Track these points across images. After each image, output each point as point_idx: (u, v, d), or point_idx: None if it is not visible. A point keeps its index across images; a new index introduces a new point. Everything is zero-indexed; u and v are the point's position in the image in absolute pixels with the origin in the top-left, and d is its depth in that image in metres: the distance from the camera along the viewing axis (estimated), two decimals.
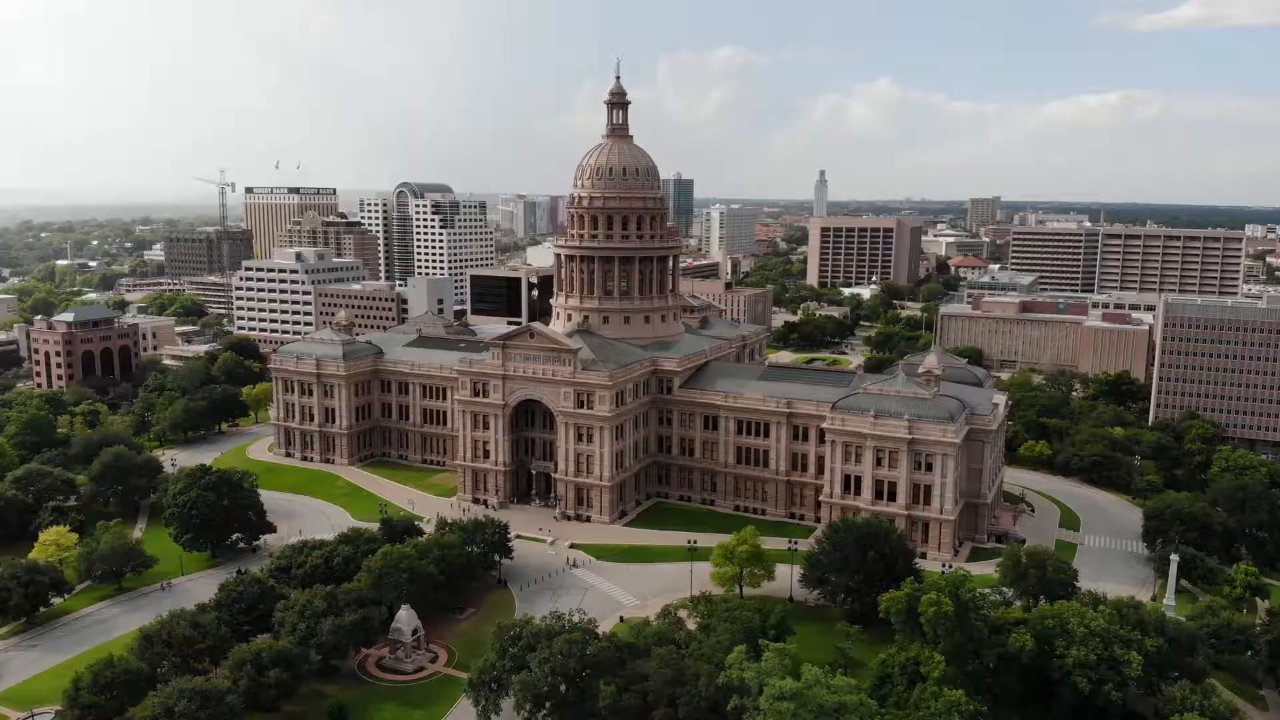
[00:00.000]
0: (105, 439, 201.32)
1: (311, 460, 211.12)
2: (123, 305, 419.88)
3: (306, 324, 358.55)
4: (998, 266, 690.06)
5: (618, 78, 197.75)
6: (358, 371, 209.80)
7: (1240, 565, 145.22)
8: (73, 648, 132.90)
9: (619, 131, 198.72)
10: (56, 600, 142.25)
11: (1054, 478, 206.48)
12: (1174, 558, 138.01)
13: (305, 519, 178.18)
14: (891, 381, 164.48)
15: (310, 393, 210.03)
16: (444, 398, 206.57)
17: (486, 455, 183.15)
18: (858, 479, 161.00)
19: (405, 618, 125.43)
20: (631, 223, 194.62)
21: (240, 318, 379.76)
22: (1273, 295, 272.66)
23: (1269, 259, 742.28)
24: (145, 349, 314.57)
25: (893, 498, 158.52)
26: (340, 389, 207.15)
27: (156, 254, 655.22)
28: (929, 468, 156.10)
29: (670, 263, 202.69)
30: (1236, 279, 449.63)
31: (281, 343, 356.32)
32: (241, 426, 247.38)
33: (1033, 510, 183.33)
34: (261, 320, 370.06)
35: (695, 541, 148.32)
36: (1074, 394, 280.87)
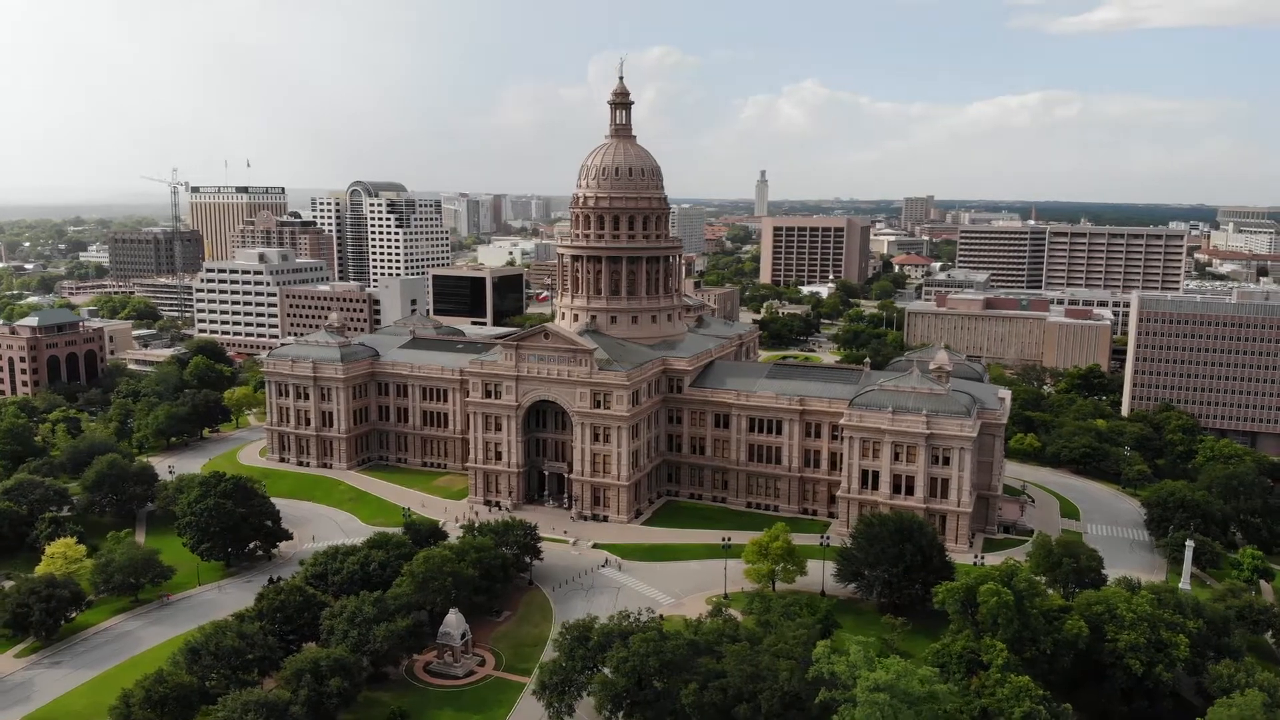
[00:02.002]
0: (92, 447, 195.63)
1: (308, 465, 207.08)
2: (69, 309, 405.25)
3: (272, 326, 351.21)
4: (938, 265, 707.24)
5: (621, 78, 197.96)
6: (355, 374, 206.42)
7: (1246, 549, 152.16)
8: (100, 663, 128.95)
9: (622, 132, 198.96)
10: (75, 615, 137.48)
11: (1044, 469, 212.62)
12: (1189, 544, 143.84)
13: (315, 525, 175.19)
14: (906, 378, 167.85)
15: (306, 396, 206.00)
16: (445, 400, 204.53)
17: (499, 457, 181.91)
18: (875, 474, 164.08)
19: (454, 621, 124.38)
20: (638, 222, 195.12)
21: (201, 320, 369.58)
22: (1243, 290, 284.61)
23: (1196, 255, 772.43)
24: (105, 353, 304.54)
25: (910, 491, 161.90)
26: (338, 392, 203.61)
27: (93, 255, 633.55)
28: (946, 462, 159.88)
29: (673, 262, 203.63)
30: (1178, 275, 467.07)
31: (247, 346, 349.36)
32: (223, 432, 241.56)
33: (1033, 501, 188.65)
34: (224, 323, 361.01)
35: (730, 539, 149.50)
36: (1045, 388, 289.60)
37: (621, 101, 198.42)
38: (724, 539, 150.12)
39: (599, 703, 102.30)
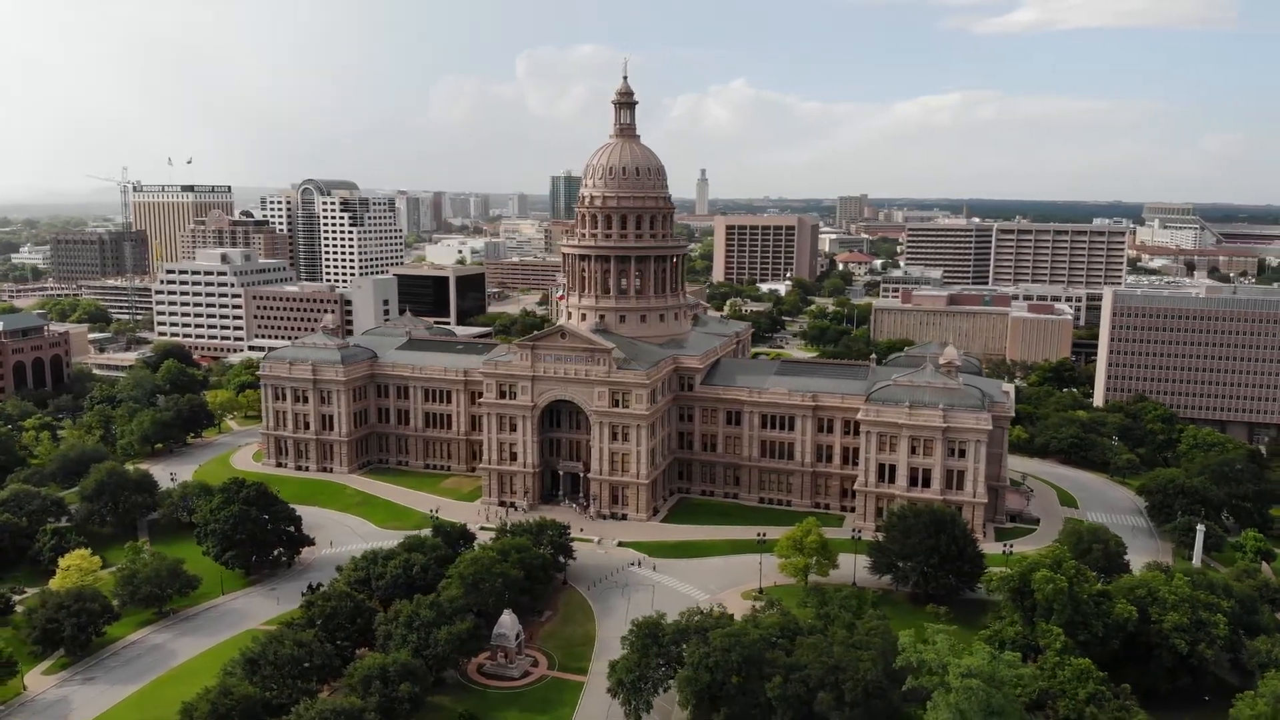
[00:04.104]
0: (83, 455, 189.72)
1: (307, 469, 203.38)
2: (13, 312, 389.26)
3: (237, 329, 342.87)
4: (879, 262, 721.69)
5: (625, 78, 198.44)
6: (356, 376, 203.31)
7: (1248, 532, 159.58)
8: (137, 677, 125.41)
9: (626, 131, 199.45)
10: (105, 629, 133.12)
11: (1033, 460, 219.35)
12: (1200, 528, 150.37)
13: (328, 530, 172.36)
14: (920, 373, 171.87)
15: (305, 400, 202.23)
16: (448, 401, 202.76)
17: (513, 457, 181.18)
18: (892, 467, 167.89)
19: (509, 623, 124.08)
20: (644, 222, 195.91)
21: (162, 323, 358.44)
22: (1211, 285, 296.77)
23: (1125, 251, 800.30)
24: None
25: (926, 484, 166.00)
26: (339, 395, 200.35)
27: (27, 256, 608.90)
28: (962, 454, 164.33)
29: (678, 261, 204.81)
30: (1120, 270, 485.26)
31: (212, 349, 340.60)
32: (206, 437, 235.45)
33: (1033, 491, 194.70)
34: (187, 325, 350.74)
35: (765, 534, 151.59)
36: (1015, 381, 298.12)
37: (625, 101, 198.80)
38: (759, 534, 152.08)
39: (683, 699, 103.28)
